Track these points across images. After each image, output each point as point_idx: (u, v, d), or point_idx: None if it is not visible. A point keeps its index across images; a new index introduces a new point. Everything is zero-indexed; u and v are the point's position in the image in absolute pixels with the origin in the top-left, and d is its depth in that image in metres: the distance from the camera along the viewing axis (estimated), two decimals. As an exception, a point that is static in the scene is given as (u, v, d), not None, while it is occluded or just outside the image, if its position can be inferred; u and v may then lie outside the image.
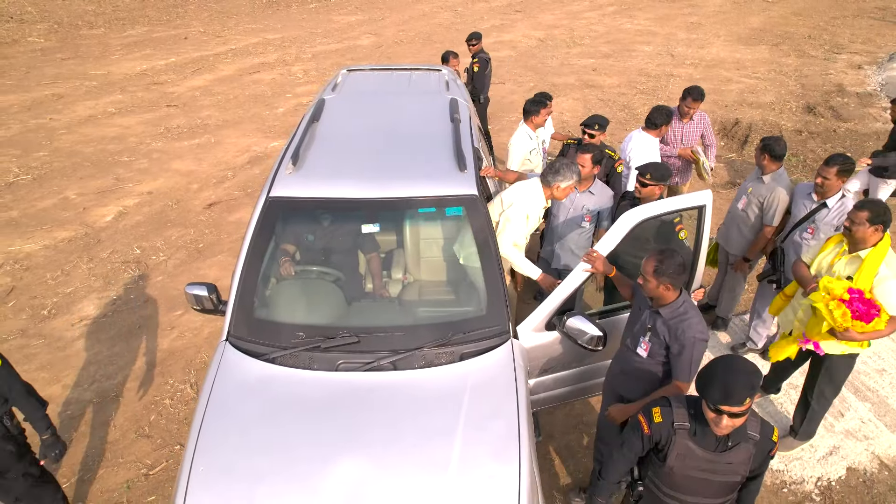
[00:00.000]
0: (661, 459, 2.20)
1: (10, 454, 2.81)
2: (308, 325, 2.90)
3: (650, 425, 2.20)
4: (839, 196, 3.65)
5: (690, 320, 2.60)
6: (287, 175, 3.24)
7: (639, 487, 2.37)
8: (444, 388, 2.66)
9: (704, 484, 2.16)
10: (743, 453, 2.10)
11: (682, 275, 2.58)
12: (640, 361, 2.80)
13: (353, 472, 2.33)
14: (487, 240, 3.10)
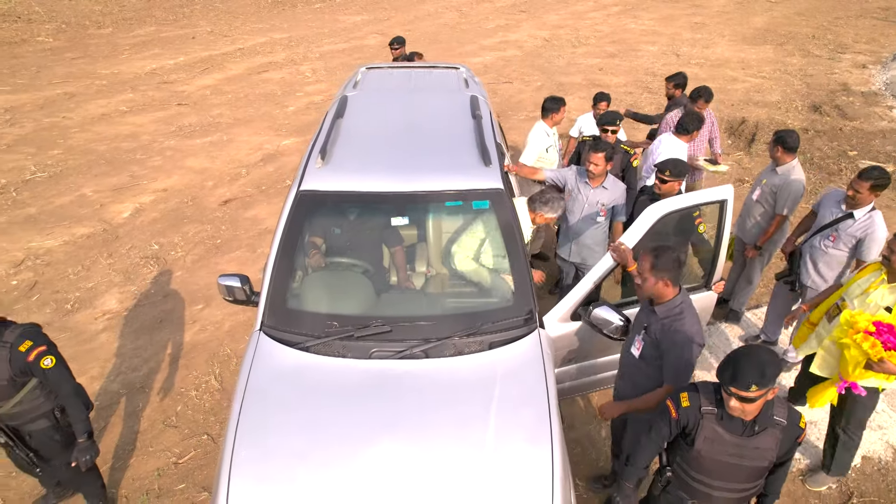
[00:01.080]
0: (689, 444, 2.27)
1: (57, 443, 2.89)
2: (340, 315, 2.97)
3: (678, 410, 2.28)
4: (868, 209, 3.60)
5: (685, 321, 2.57)
6: (317, 169, 3.32)
7: (667, 473, 2.44)
8: (475, 375, 2.73)
9: (733, 469, 2.23)
10: (770, 438, 2.17)
11: (680, 269, 2.57)
12: (634, 363, 2.80)
13: (390, 454, 2.41)
14: (513, 232, 3.18)
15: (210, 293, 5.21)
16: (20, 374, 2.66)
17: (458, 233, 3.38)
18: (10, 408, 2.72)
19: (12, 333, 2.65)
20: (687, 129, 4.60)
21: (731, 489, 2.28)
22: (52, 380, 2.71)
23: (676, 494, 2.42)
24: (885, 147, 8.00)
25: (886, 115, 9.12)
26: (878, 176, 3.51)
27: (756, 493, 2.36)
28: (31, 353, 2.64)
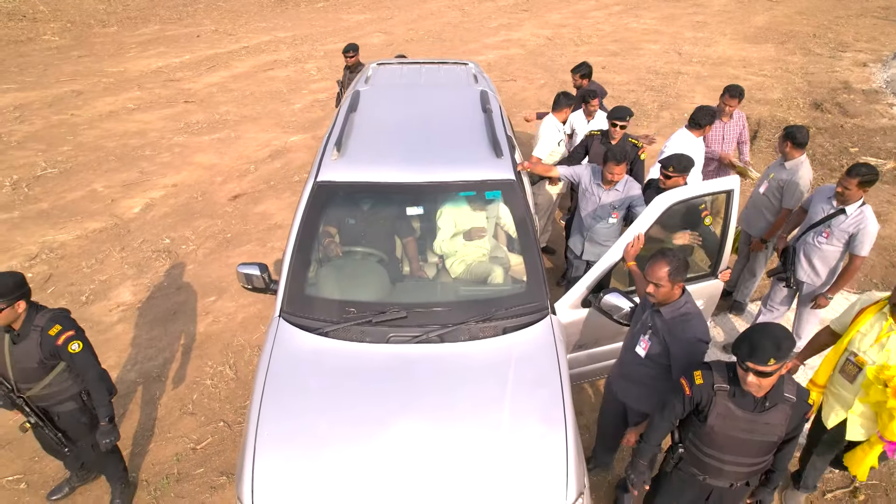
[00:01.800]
0: (702, 420, 2.36)
1: (83, 425, 2.98)
2: (357, 302, 3.06)
3: (692, 387, 2.36)
4: (859, 204, 3.66)
5: (692, 321, 2.61)
6: (333, 161, 3.41)
7: (679, 450, 2.53)
8: (490, 358, 2.82)
9: (744, 444, 2.32)
10: (780, 414, 2.26)
11: (679, 273, 2.60)
12: (639, 363, 2.82)
13: (410, 433, 2.50)
14: (525, 221, 3.26)
15: (222, 285, 5.30)
16: (50, 357, 2.75)
17: (475, 220, 3.47)
18: (40, 389, 2.81)
19: (43, 318, 2.74)
20: (699, 124, 4.58)
21: (742, 463, 2.37)
22: (79, 364, 2.80)
23: (688, 470, 2.51)
24: (886, 143, 8.09)
25: (887, 113, 9.21)
26: (865, 172, 3.56)
27: (764, 468, 2.44)
28: (60, 337, 2.73)
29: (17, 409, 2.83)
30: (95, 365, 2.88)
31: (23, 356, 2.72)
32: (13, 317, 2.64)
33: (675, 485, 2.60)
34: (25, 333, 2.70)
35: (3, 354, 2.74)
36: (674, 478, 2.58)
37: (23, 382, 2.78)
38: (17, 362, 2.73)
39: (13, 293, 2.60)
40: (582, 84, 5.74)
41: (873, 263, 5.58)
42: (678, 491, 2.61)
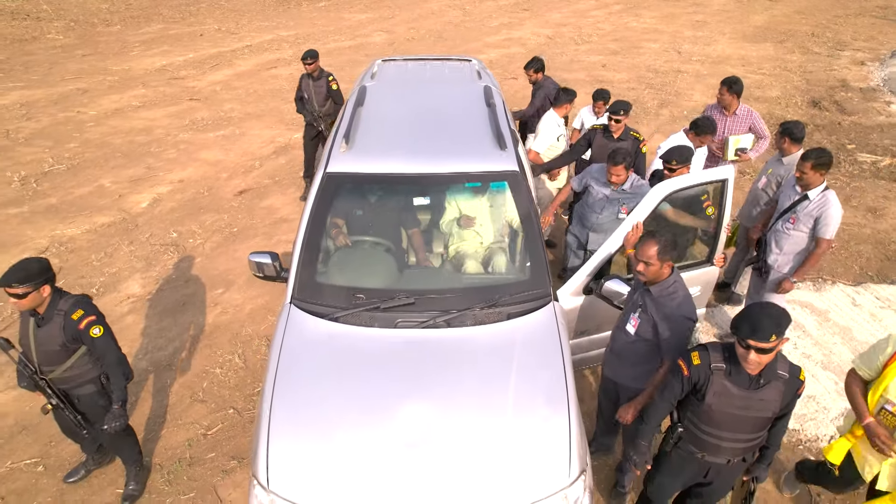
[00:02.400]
0: (700, 399, 2.46)
1: (102, 408, 3.09)
2: (366, 289, 3.16)
3: (689, 368, 2.46)
4: (821, 189, 3.78)
5: (679, 299, 2.74)
6: (342, 153, 3.51)
7: (678, 429, 2.63)
8: (495, 343, 2.92)
9: (740, 420, 2.42)
10: (774, 391, 2.36)
11: (668, 253, 2.73)
12: (629, 341, 2.94)
13: (419, 413, 2.60)
14: (529, 212, 3.36)
15: (230, 278, 5.40)
16: (72, 340, 2.85)
17: (479, 211, 3.57)
18: (62, 372, 2.91)
19: (66, 302, 2.84)
20: (697, 130, 4.53)
21: (738, 439, 2.47)
22: (100, 348, 2.90)
23: (687, 449, 2.60)
24: (883, 140, 8.19)
25: (884, 111, 9.32)
26: (816, 156, 3.69)
27: (759, 444, 2.54)
28: (82, 321, 2.83)
29: (39, 390, 2.93)
30: (115, 349, 2.98)
31: (46, 339, 2.82)
32: (38, 301, 2.74)
33: (675, 463, 2.69)
34: (49, 317, 2.81)
35: (28, 337, 2.84)
36: (673, 456, 2.68)
37: (46, 365, 2.88)
38: (41, 345, 2.83)
39: (38, 277, 2.70)
40: (537, 79, 5.87)
41: (869, 256, 5.69)
42: (678, 469, 2.71)
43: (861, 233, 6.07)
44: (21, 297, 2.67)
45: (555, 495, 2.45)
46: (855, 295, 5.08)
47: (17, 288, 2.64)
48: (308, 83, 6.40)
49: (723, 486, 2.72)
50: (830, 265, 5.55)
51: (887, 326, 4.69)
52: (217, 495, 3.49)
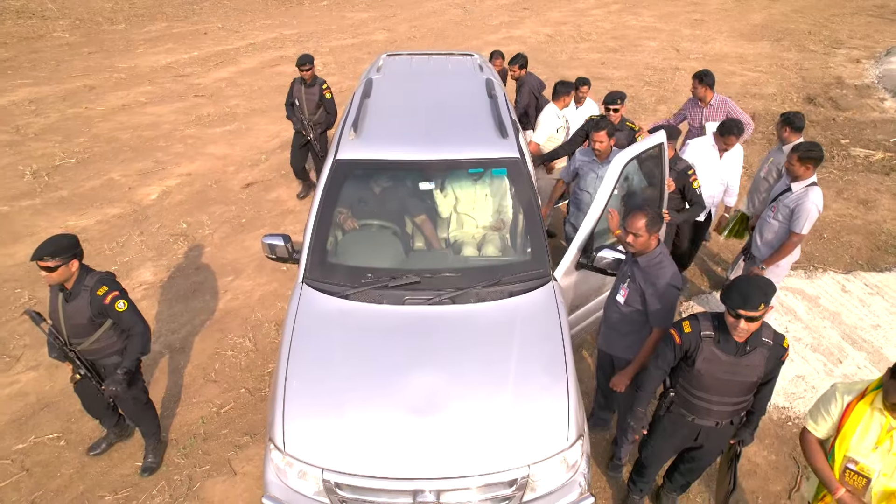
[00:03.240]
0: (690, 365, 2.62)
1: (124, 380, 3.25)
2: (375, 269, 3.32)
3: (681, 336, 2.62)
4: (807, 183, 3.82)
5: (665, 269, 2.92)
6: (350, 141, 3.67)
7: (670, 394, 2.79)
8: (498, 318, 3.08)
9: (728, 385, 2.59)
10: (759, 357, 2.53)
11: (654, 226, 2.91)
12: (619, 311, 3.13)
13: (426, 382, 2.75)
14: (529, 196, 3.53)
15: (239, 266, 5.56)
16: (98, 315, 3.02)
17: (480, 196, 3.73)
18: (90, 344, 3.08)
19: (91, 279, 3.01)
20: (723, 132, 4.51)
21: (726, 403, 2.63)
22: (126, 320, 3.07)
23: (679, 413, 2.77)
24: (876, 136, 8.36)
25: (878, 107, 9.48)
26: (805, 149, 3.76)
27: (745, 407, 2.71)
28: (107, 296, 3.00)
29: (69, 361, 3.10)
30: (141, 321, 3.16)
31: (74, 313, 2.99)
32: (67, 275, 2.91)
33: (668, 427, 2.86)
34: (77, 293, 2.97)
35: (58, 311, 3.01)
36: (666, 421, 2.84)
37: (74, 337, 3.05)
38: (70, 319, 3.00)
39: (67, 252, 2.87)
40: (520, 75, 5.96)
41: (860, 246, 5.85)
42: (670, 433, 2.87)
43: (852, 224, 6.23)
44: (51, 271, 2.84)
45: (554, 457, 2.62)
46: (845, 282, 5.25)
47: (48, 261, 2.81)
48: (300, 89, 6.21)
49: (712, 450, 2.89)
50: (822, 254, 5.72)
51: (875, 312, 4.85)
52: (231, 468, 3.65)
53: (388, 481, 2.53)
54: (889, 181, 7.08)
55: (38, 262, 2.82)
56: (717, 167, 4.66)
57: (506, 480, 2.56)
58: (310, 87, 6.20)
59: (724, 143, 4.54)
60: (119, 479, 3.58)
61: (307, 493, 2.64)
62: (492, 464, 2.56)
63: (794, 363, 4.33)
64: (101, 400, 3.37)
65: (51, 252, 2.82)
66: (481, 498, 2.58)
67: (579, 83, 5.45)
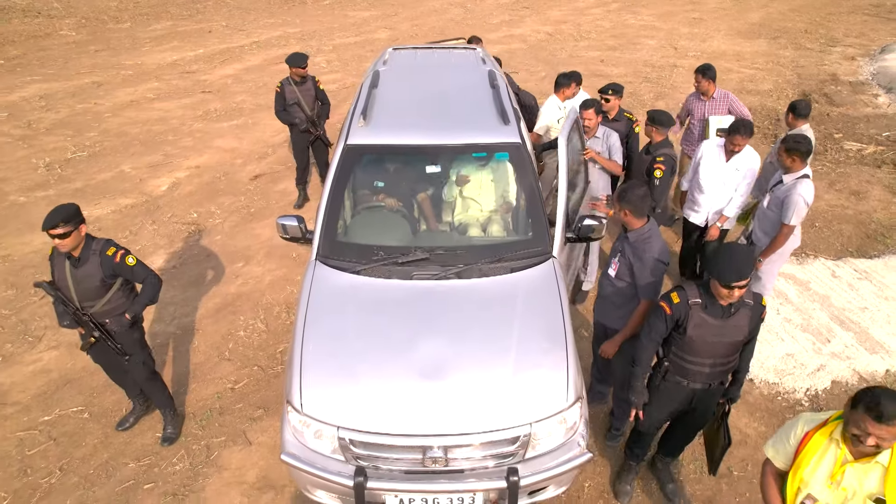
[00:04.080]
0: (682, 332, 2.81)
1: (136, 341, 3.48)
2: (384, 246, 3.50)
3: (671, 306, 2.81)
4: (798, 175, 3.89)
5: (652, 244, 3.12)
6: (359, 127, 3.86)
7: (665, 364, 2.98)
8: (501, 291, 3.27)
9: (717, 346, 2.78)
10: (743, 317, 2.72)
11: (642, 203, 3.09)
12: (612, 284, 3.35)
13: (433, 348, 2.94)
14: (530, 179, 3.71)
15: (249, 253, 5.75)
16: (110, 276, 3.24)
17: (483, 178, 3.92)
18: (101, 307, 3.28)
19: (97, 244, 3.24)
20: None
21: (717, 364, 2.83)
22: (139, 272, 3.33)
23: (674, 380, 2.95)
24: (869, 130, 8.54)
25: (871, 102, 9.67)
26: (791, 141, 3.86)
27: (732, 367, 2.89)
28: (117, 255, 3.24)
29: (82, 325, 3.29)
30: (152, 272, 3.41)
31: (85, 278, 3.19)
32: (78, 240, 3.11)
33: (664, 395, 3.04)
34: (86, 258, 3.18)
35: (66, 279, 3.20)
36: (661, 389, 3.02)
37: (85, 301, 3.25)
38: (80, 283, 3.20)
39: (76, 217, 3.09)
40: None
41: (850, 235, 6.03)
42: (666, 400, 3.05)
43: (844, 213, 6.42)
44: (64, 237, 3.04)
45: (554, 416, 2.80)
46: (835, 268, 5.43)
47: (60, 228, 3.01)
48: (293, 89, 6.04)
49: (705, 412, 3.07)
50: (814, 242, 5.90)
51: (863, 295, 5.04)
52: (246, 438, 3.84)
53: (399, 438, 2.71)
54: (880, 173, 7.27)
55: (50, 231, 3.01)
56: (721, 171, 4.40)
57: (508, 438, 2.74)
58: (302, 84, 6.10)
59: (731, 143, 4.25)
60: (141, 448, 3.76)
61: (323, 452, 2.82)
62: (495, 422, 2.74)
63: (785, 342, 4.52)
64: (121, 364, 3.56)
65: (63, 218, 3.02)
66: (486, 454, 2.76)
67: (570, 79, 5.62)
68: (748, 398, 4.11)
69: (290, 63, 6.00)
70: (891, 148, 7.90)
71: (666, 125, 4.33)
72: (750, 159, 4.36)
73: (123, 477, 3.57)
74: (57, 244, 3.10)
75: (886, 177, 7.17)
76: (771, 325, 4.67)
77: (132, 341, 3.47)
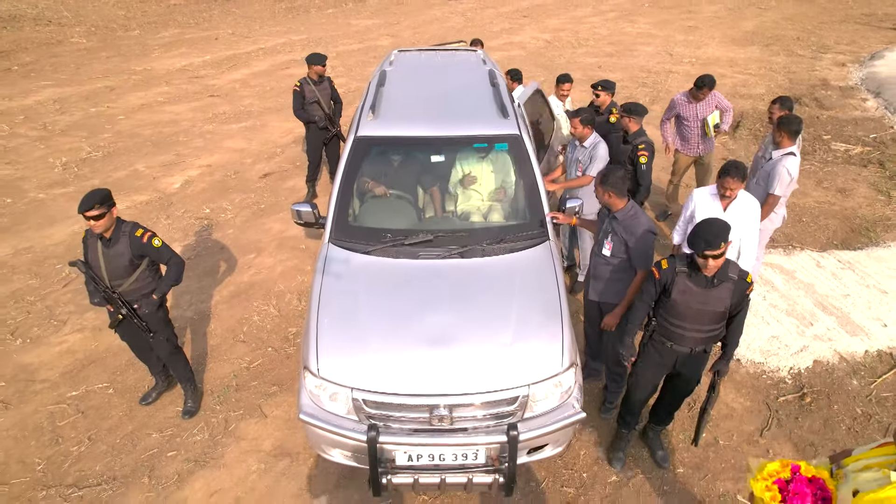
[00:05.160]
0: (668, 296, 3.07)
1: (160, 319, 3.73)
2: (392, 229, 3.77)
3: (660, 272, 3.08)
4: (784, 151, 4.33)
5: (639, 218, 3.45)
6: (369, 121, 4.14)
7: (652, 324, 3.25)
8: (502, 269, 3.53)
9: (700, 313, 3.04)
10: (726, 290, 2.98)
11: (623, 184, 3.42)
12: (605, 263, 3.62)
13: (440, 319, 3.19)
14: (529, 166, 3.99)
15: (260, 245, 6.01)
16: (138, 256, 3.50)
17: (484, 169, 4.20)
18: (129, 285, 3.54)
19: (127, 225, 3.51)
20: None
21: (699, 330, 3.09)
22: (164, 253, 3.59)
23: (660, 340, 3.22)
24: (857, 132, 8.83)
25: (860, 106, 9.97)
26: (785, 120, 4.30)
27: (715, 336, 3.14)
28: (144, 236, 3.50)
29: (111, 303, 3.54)
30: (175, 254, 3.68)
31: (115, 257, 3.45)
32: (111, 221, 3.38)
33: (651, 354, 3.30)
34: (116, 238, 3.44)
35: (98, 259, 3.45)
36: (650, 348, 3.29)
37: (115, 279, 3.50)
38: (110, 262, 3.45)
39: (109, 199, 3.36)
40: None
41: (836, 229, 6.30)
42: (652, 359, 3.31)
43: (830, 209, 6.69)
44: (98, 219, 3.31)
45: (550, 379, 3.05)
46: (819, 258, 5.69)
47: (95, 210, 3.28)
48: (312, 88, 6.32)
49: (689, 378, 3.32)
50: (801, 235, 6.17)
51: (846, 284, 5.29)
52: (262, 412, 4.08)
53: (408, 398, 2.96)
54: (866, 172, 7.55)
55: (86, 212, 3.28)
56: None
57: (508, 398, 2.99)
58: (320, 83, 6.40)
59: (723, 186, 3.75)
60: (163, 420, 4.01)
61: (338, 413, 3.06)
62: (496, 383, 2.99)
63: (770, 325, 4.77)
64: (146, 342, 3.81)
65: (98, 200, 3.29)
66: (487, 413, 3.01)
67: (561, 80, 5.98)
68: (735, 376, 4.36)
69: (311, 61, 6.31)
70: (877, 149, 8.19)
71: (640, 114, 4.68)
72: (749, 205, 3.87)
73: (148, 445, 3.82)
74: (91, 225, 3.36)
75: (872, 175, 7.45)
76: (757, 309, 4.93)
77: (157, 319, 3.73)
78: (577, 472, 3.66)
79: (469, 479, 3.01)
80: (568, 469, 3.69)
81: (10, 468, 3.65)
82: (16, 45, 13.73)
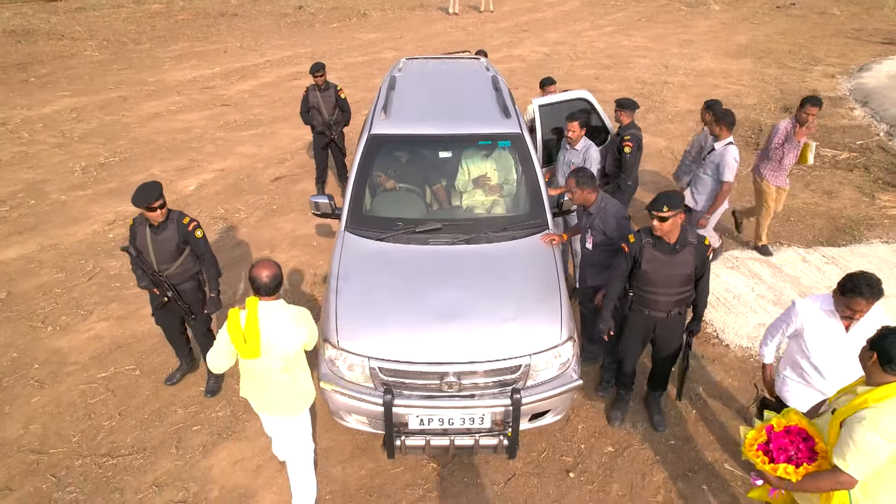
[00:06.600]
0: (638, 267, 3.42)
1: (199, 301, 4.01)
2: (403, 219, 4.08)
3: (629, 245, 3.44)
4: (725, 142, 4.92)
5: (610, 207, 3.84)
6: (381, 120, 4.47)
7: (630, 294, 3.58)
8: (505, 253, 3.85)
9: (668, 278, 3.39)
10: (688, 254, 3.35)
11: (592, 181, 3.81)
12: (589, 253, 4.00)
13: (448, 297, 3.49)
14: (530, 163, 4.31)
15: (274, 243, 6.32)
16: (183, 241, 3.80)
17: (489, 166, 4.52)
18: (175, 269, 3.83)
19: (174, 214, 3.80)
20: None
21: (669, 293, 3.44)
22: (201, 246, 3.87)
23: (638, 309, 3.57)
24: (844, 139, 9.19)
25: (847, 115, 10.35)
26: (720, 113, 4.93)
27: (687, 298, 3.48)
28: (190, 224, 3.80)
29: (157, 286, 3.83)
30: (210, 249, 3.97)
31: (163, 242, 3.75)
32: (166, 212, 3.67)
33: (632, 323, 3.64)
34: (164, 225, 3.75)
35: (147, 244, 3.75)
36: (630, 318, 3.63)
37: (162, 263, 3.80)
38: (159, 247, 3.75)
39: (163, 191, 3.65)
40: None
41: (822, 228, 6.61)
42: (633, 327, 3.65)
43: (817, 210, 7.01)
44: (157, 210, 3.61)
45: (549, 350, 3.35)
46: (805, 254, 6.00)
47: (156, 202, 3.58)
48: (316, 94, 6.70)
49: (670, 340, 3.65)
50: (788, 234, 6.48)
51: (830, 277, 5.59)
52: (280, 391, 4.35)
53: (421, 365, 3.25)
54: (852, 176, 7.88)
55: (151, 205, 3.58)
56: (842, 345, 2.98)
57: (511, 366, 3.28)
58: (324, 91, 6.73)
59: (849, 308, 2.84)
60: (187, 399, 4.28)
61: (356, 381, 3.35)
62: (501, 353, 3.28)
63: (757, 314, 5.06)
64: (179, 326, 4.10)
65: (157, 195, 3.60)
66: (492, 380, 3.30)
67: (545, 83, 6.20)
68: (724, 360, 4.65)
69: (311, 71, 6.72)
70: (863, 154, 8.54)
71: (631, 108, 5.12)
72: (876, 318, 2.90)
73: (174, 420, 4.09)
74: (150, 216, 3.68)
75: (857, 179, 7.78)
76: (745, 300, 5.23)
77: (197, 302, 4.04)
78: (576, 444, 3.93)
79: (476, 440, 3.29)
80: (567, 441, 3.95)
81: (48, 440, 3.92)
82: (31, 57, 14.16)
